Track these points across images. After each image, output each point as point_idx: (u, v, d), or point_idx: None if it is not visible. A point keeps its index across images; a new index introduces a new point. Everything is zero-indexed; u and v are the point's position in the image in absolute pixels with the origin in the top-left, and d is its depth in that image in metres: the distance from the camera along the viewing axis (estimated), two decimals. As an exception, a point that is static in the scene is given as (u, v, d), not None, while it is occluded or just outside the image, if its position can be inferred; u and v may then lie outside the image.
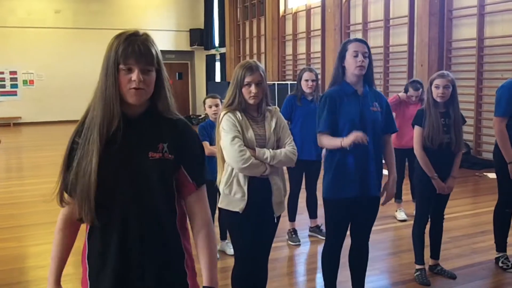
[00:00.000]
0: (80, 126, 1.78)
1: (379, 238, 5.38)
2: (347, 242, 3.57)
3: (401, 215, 5.83)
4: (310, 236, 5.28)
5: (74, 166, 1.72)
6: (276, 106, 3.22)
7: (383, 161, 3.42)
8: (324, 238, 5.12)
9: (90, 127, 1.73)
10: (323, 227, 5.28)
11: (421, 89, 5.75)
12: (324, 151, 4.94)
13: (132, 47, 1.70)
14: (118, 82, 1.71)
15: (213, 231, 1.91)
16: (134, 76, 1.70)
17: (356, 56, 3.19)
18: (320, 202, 5.84)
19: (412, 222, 4.22)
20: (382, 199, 3.43)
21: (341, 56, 3.26)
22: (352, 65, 3.20)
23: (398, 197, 5.83)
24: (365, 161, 3.24)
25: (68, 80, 18.29)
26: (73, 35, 18.58)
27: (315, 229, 5.29)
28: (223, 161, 3.06)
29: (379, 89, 10.95)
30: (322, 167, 3.77)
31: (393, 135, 5.64)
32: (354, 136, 3.08)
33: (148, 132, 1.78)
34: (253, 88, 2.97)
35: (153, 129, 1.79)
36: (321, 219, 5.46)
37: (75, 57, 18.35)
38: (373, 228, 5.47)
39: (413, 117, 4.09)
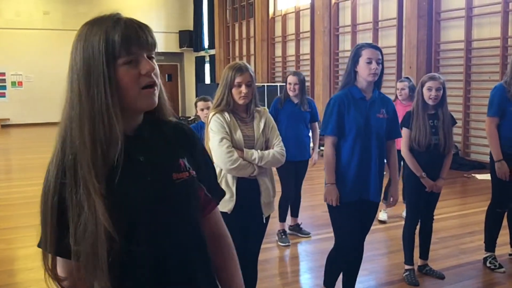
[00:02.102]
0: (58, 163, 1.24)
1: (368, 239, 5.40)
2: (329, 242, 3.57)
3: (382, 216, 5.85)
4: (290, 234, 5.30)
5: (72, 229, 1.21)
6: (265, 107, 3.23)
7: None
8: (304, 236, 5.24)
9: (76, 167, 1.21)
10: (303, 226, 5.33)
11: (407, 82, 5.73)
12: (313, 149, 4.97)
13: (132, 29, 1.25)
14: (116, 86, 1.22)
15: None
16: (147, 66, 1.24)
17: (370, 63, 3.17)
18: (310, 203, 5.91)
19: (393, 224, 4.24)
20: (384, 203, 3.51)
21: (354, 61, 3.23)
22: (365, 72, 3.18)
23: (383, 198, 5.85)
24: (367, 167, 3.26)
25: (57, 81, 18.10)
26: (62, 36, 18.45)
27: (294, 227, 5.36)
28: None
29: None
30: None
31: None
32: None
33: (158, 148, 1.34)
34: (243, 89, 2.99)
35: (160, 142, 1.36)
36: (308, 221, 5.49)
37: (64, 59, 17.78)
38: (362, 229, 5.55)
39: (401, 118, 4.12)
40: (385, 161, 3.45)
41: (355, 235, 3.39)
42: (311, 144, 5.29)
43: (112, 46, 1.21)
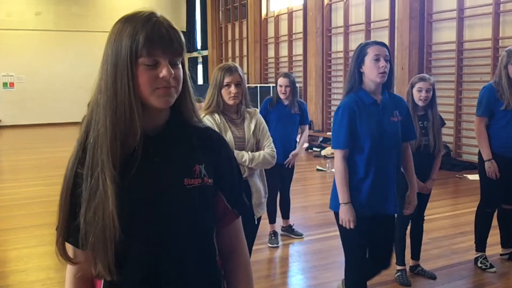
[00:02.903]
0: (79, 151, 1.30)
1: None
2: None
3: None
4: (282, 235, 5.30)
5: (83, 209, 1.25)
6: (256, 108, 3.23)
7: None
8: (297, 237, 5.23)
9: (95, 150, 1.25)
10: (295, 227, 5.34)
11: None
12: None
13: (158, 32, 1.26)
14: (136, 82, 1.26)
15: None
16: (165, 71, 1.26)
17: (377, 60, 2.85)
18: (302, 204, 5.93)
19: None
20: (405, 210, 3.30)
21: (359, 61, 2.91)
22: (373, 71, 2.86)
23: None
24: (385, 178, 2.97)
25: (49, 82, 18.12)
26: (54, 37, 18.42)
27: (287, 229, 5.35)
28: None
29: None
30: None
31: None
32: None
33: (177, 151, 1.35)
34: (232, 89, 3.00)
35: (182, 146, 1.36)
36: (300, 222, 5.50)
37: (56, 60, 18.19)
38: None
39: None
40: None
41: (364, 253, 3.11)
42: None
43: (136, 45, 1.25)
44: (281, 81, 5.02)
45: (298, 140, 5.30)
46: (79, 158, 1.29)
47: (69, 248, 1.32)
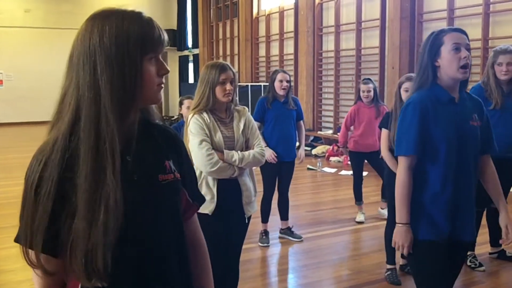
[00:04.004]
0: (64, 156, 1.22)
1: (350, 239, 5.44)
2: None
3: (359, 217, 5.88)
4: (280, 238, 5.29)
5: (82, 212, 1.19)
6: (245, 107, 3.22)
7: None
8: (296, 240, 5.20)
9: (100, 152, 1.21)
10: (294, 229, 5.32)
11: (372, 84, 5.73)
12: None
13: (154, 29, 1.30)
14: (145, 79, 1.27)
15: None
16: (166, 68, 1.32)
17: (458, 49, 2.34)
18: (293, 203, 5.91)
19: (373, 224, 4.26)
20: (504, 239, 2.54)
21: (433, 52, 2.39)
22: (453, 64, 2.34)
23: (358, 199, 5.90)
24: (463, 196, 2.42)
25: (38, 80, 18.00)
26: (43, 35, 18.31)
27: (286, 231, 5.30)
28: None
29: (351, 91, 11.10)
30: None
31: (355, 140, 5.77)
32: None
33: (147, 148, 1.36)
34: (228, 86, 2.99)
35: (149, 143, 1.38)
36: (291, 221, 5.50)
37: (45, 57, 18.06)
38: (344, 229, 5.60)
39: (375, 118, 4.15)
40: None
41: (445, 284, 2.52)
42: (297, 144, 5.28)
43: (146, 42, 1.26)
44: (281, 76, 4.95)
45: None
46: (66, 163, 1.21)
47: (42, 259, 1.24)
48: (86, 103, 1.23)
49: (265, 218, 5.14)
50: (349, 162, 6.02)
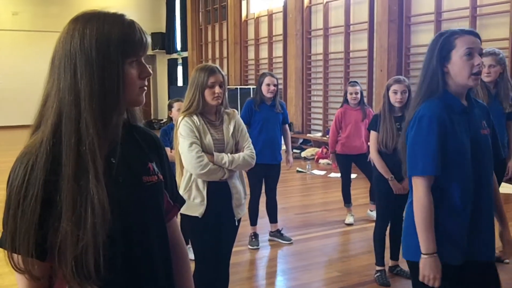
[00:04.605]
0: (48, 159, 1.21)
1: (339, 241, 5.46)
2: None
3: (349, 219, 5.89)
4: (270, 240, 5.29)
5: (67, 214, 1.18)
6: (234, 109, 3.22)
7: None
8: (285, 242, 5.21)
9: (82, 155, 1.21)
10: (284, 231, 5.32)
11: (359, 87, 5.77)
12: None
13: (141, 34, 1.31)
14: (126, 81, 1.27)
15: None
16: (148, 71, 1.32)
17: (470, 55, 2.12)
18: (282, 206, 5.92)
19: (362, 226, 4.27)
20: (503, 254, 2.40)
21: (442, 56, 2.17)
22: (464, 72, 2.12)
23: (347, 201, 5.92)
24: (486, 210, 2.22)
25: (26, 83, 17.80)
26: (31, 37, 18.18)
27: (275, 234, 5.30)
28: (182, 165, 3.06)
29: (340, 94, 11.14)
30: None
31: (342, 142, 5.79)
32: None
33: (131, 150, 1.37)
34: (217, 89, 2.99)
35: (131, 145, 1.38)
36: (281, 223, 5.51)
37: (33, 60, 17.91)
38: (333, 231, 5.62)
39: (362, 120, 4.17)
40: None
41: None
42: (283, 147, 5.29)
43: (126, 45, 1.25)
44: (269, 80, 4.95)
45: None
46: (50, 166, 1.20)
47: (30, 263, 1.22)
48: (66, 106, 1.23)
49: (253, 221, 5.14)
50: (336, 164, 6.04)
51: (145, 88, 1.33)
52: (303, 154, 11.00)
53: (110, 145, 1.29)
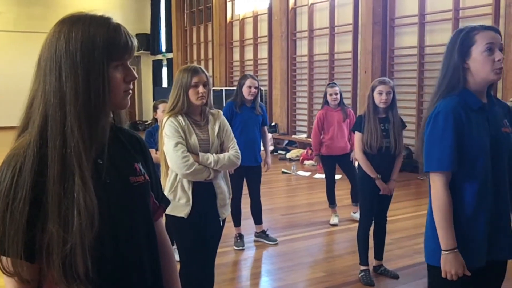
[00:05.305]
0: (34, 162, 1.21)
1: (323, 242, 5.48)
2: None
3: (333, 220, 5.92)
4: (255, 241, 5.30)
5: (53, 216, 1.18)
6: (219, 110, 3.23)
7: None
8: (270, 243, 5.22)
9: (68, 158, 1.21)
10: (269, 232, 5.34)
11: (338, 88, 5.83)
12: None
13: (126, 38, 1.30)
14: (111, 85, 1.27)
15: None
16: (133, 75, 1.32)
17: (491, 50, 2.08)
18: (267, 207, 5.94)
19: (346, 226, 4.29)
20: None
21: (463, 52, 2.12)
22: (486, 67, 2.09)
23: (332, 202, 5.95)
24: (502, 213, 2.18)
25: (9, 84, 17.63)
26: (13, 38, 18.00)
27: (261, 234, 5.31)
28: (167, 166, 3.06)
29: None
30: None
31: (327, 144, 5.83)
32: None
33: (117, 151, 1.38)
34: (200, 88, 3.00)
35: (117, 146, 1.39)
36: (266, 224, 5.52)
37: (16, 61, 17.74)
38: (318, 231, 5.64)
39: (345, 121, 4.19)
40: None
41: None
42: (262, 149, 5.29)
43: (111, 49, 1.26)
44: (250, 82, 4.96)
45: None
46: (38, 167, 1.20)
47: (19, 265, 1.21)
48: (52, 109, 1.23)
49: (237, 222, 5.14)
50: (321, 165, 6.07)
51: (130, 91, 1.33)
52: (288, 155, 11.03)
53: (98, 148, 1.30)
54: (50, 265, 1.20)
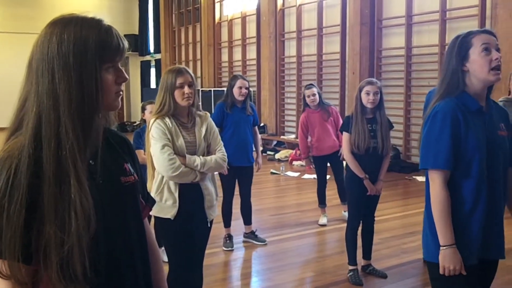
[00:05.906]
0: (29, 164, 1.20)
1: (312, 242, 5.50)
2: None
3: (322, 220, 5.94)
4: (244, 242, 5.31)
5: (50, 218, 1.18)
6: (207, 112, 3.23)
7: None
8: (259, 243, 5.23)
9: (63, 160, 1.21)
10: (258, 233, 5.34)
11: (316, 89, 5.85)
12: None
13: (118, 40, 1.32)
14: (103, 87, 1.28)
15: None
16: (124, 77, 1.34)
17: (487, 50, 2.16)
18: (257, 207, 5.94)
19: (335, 226, 4.30)
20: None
21: (461, 56, 2.20)
22: (484, 67, 2.15)
23: (322, 202, 5.97)
24: (495, 212, 2.24)
25: (-4, 86, 17.57)
26: (1, 39, 17.87)
27: (249, 235, 5.31)
28: (153, 168, 3.06)
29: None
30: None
31: (316, 146, 5.85)
32: None
33: (107, 152, 1.39)
34: (186, 89, 3.00)
35: (108, 147, 1.41)
36: (255, 225, 5.53)
37: (3, 62, 17.64)
38: (307, 232, 5.66)
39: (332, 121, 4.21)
40: None
41: None
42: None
43: (103, 51, 1.27)
44: (241, 83, 4.97)
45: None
46: (34, 169, 1.20)
47: (16, 268, 1.19)
48: (45, 110, 1.23)
49: (227, 222, 5.14)
50: (312, 166, 6.08)
51: (121, 93, 1.34)
52: (277, 156, 11.05)
53: (92, 149, 1.30)
54: (48, 267, 1.19)
